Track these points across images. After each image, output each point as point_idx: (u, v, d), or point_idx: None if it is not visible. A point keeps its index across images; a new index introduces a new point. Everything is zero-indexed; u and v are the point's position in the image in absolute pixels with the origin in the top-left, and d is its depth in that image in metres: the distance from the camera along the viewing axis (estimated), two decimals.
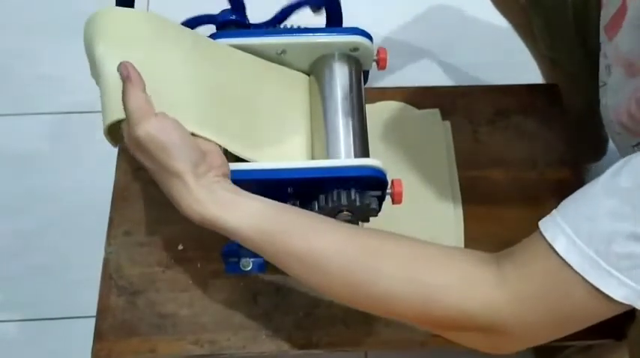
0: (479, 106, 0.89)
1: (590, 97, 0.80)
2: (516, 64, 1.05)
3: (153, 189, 0.79)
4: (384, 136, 0.85)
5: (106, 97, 0.57)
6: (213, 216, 0.54)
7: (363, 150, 0.65)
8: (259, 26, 0.74)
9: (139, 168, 0.81)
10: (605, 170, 0.50)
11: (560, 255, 0.48)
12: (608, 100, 0.67)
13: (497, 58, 1.24)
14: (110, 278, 0.75)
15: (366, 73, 0.72)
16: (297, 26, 0.72)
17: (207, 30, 0.71)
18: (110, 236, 0.77)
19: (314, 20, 0.73)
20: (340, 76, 0.68)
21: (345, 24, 0.72)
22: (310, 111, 0.69)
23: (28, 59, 1.27)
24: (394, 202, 0.64)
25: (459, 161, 0.84)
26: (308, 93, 0.70)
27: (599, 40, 0.70)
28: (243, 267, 0.71)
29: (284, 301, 0.74)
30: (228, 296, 0.74)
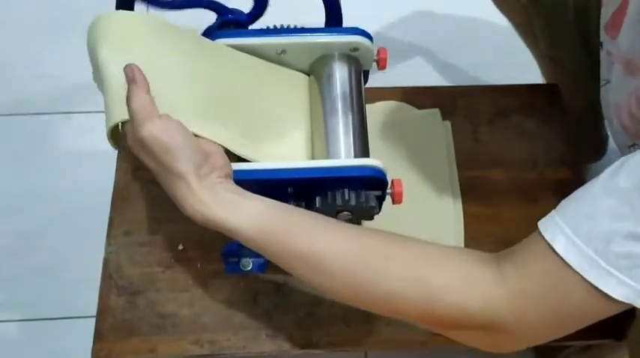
0: (479, 106, 0.89)
1: (591, 97, 0.80)
2: (516, 64, 1.05)
3: (153, 188, 0.80)
4: (384, 136, 0.85)
5: (110, 99, 0.57)
6: (215, 216, 0.54)
7: (363, 150, 0.65)
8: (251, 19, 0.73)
9: (139, 168, 0.81)
10: (605, 170, 0.50)
11: (560, 254, 0.48)
12: (610, 98, 0.67)
13: (497, 58, 1.24)
14: (110, 278, 0.75)
15: (366, 73, 0.72)
16: (297, 26, 0.72)
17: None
18: (110, 236, 0.77)
19: (314, 20, 0.73)
20: (340, 76, 0.68)
21: (345, 24, 0.72)
22: (310, 111, 0.69)
23: (28, 59, 1.27)
24: (394, 202, 0.64)
25: (459, 161, 0.84)
26: (308, 93, 0.70)
27: (599, 40, 0.70)
28: (243, 267, 0.71)
29: (284, 301, 0.74)
30: (228, 296, 0.74)
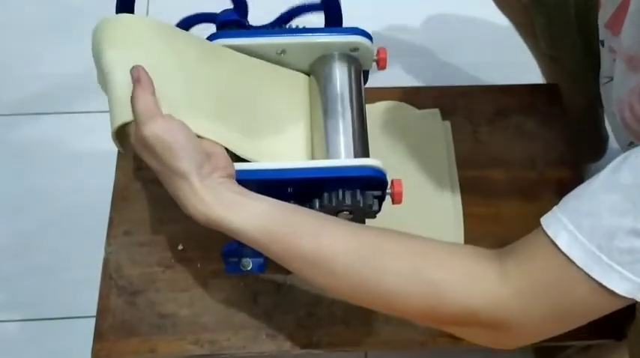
0: (479, 106, 0.89)
1: (591, 97, 0.80)
2: (516, 64, 1.05)
3: (153, 188, 0.80)
4: (384, 136, 0.85)
5: (114, 101, 0.58)
6: (218, 217, 0.54)
7: (363, 150, 0.65)
8: (260, 28, 0.74)
9: (139, 168, 0.81)
10: (607, 166, 0.50)
11: (563, 250, 0.48)
12: (613, 94, 0.67)
13: (498, 58, 1.24)
14: (110, 278, 0.75)
15: (366, 73, 0.72)
16: (297, 26, 0.72)
17: (207, 30, 0.71)
18: (110, 236, 0.77)
19: (314, 20, 0.73)
20: (340, 76, 0.68)
21: (345, 24, 0.72)
22: (310, 111, 0.69)
23: (28, 59, 1.27)
24: (394, 202, 0.64)
25: (459, 161, 0.84)
26: (308, 93, 0.70)
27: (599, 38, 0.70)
28: (243, 267, 0.71)
29: (284, 301, 0.74)
30: (228, 296, 0.74)
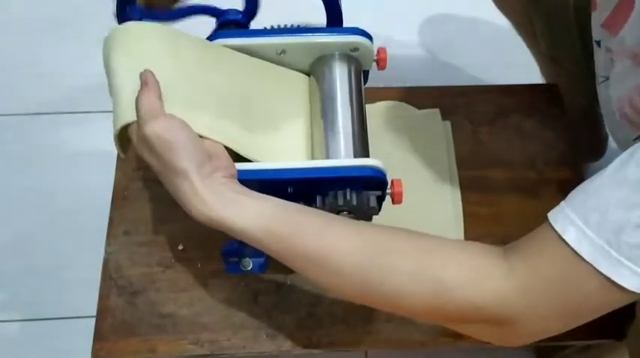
0: (479, 106, 0.89)
1: (591, 97, 0.80)
2: (516, 64, 1.05)
3: (153, 188, 0.80)
4: (384, 136, 0.85)
5: (118, 102, 0.58)
6: (220, 217, 0.54)
7: (363, 150, 0.65)
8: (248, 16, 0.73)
9: (139, 168, 0.81)
10: (614, 160, 0.50)
11: (571, 245, 0.48)
12: (611, 93, 0.67)
13: (497, 58, 1.24)
14: (110, 278, 0.75)
15: (366, 73, 0.72)
16: (297, 26, 0.72)
17: (207, 31, 0.71)
18: (110, 236, 0.77)
19: (314, 20, 0.73)
20: (340, 76, 0.68)
21: (345, 24, 0.72)
22: (310, 111, 0.69)
23: (28, 59, 1.27)
24: (394, 202, 0.64)
25: (459, 161, 0.84)
26: (308, 93, 0.70)
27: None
28: (243, 267, 0.71)
29: (284, 301, 0.74)
30: (228, 295, 0.74)
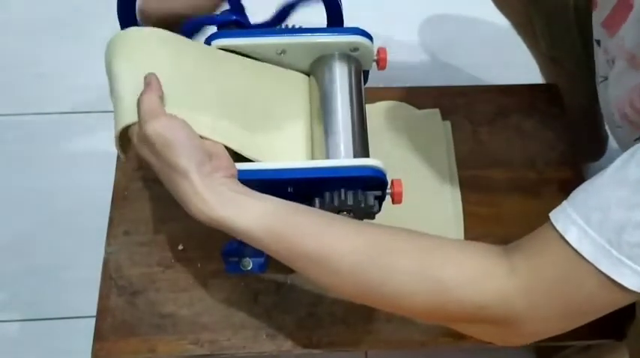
0: (479, 106, 0.89)
1: (591, 97, 0.80)
2: (516, 64, 1.05)
3: (153, 188, 0.80)
4: (384, 136, 0.85)
5: (119, 104, 0.59)
6: (220, 216, 0.54)
7: (363, 150, 0.65)
8: (260, 26, 0.74)
9: (139, 168, 0.81)
10: (615, 160, 0.50)
11: (572, 245, 0.48)
12: (610, 93, 0.67)
13: (497, 58, 1.24)
14: (110, 279, 0.75)
15: (366, 73, 0.72)
16: (297, 26, 0.72)
17: (207, 30, 0.71)
18: (110, 236, 0.77)
19: (314, 20, 0.73)
20: (340, 76, 0.68)
21: (346, 24, 0.72)
22: (310, 111, 0.69)
23: (28, 59, 1.27)
24: (394, 202, 0.64)
25: (459, 161, 0.84)
26: (308, 93, 0.70)
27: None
28: (243, 267, 0.71)
29: (284, 301, 0.74)
30: (228, 295, 0.74)
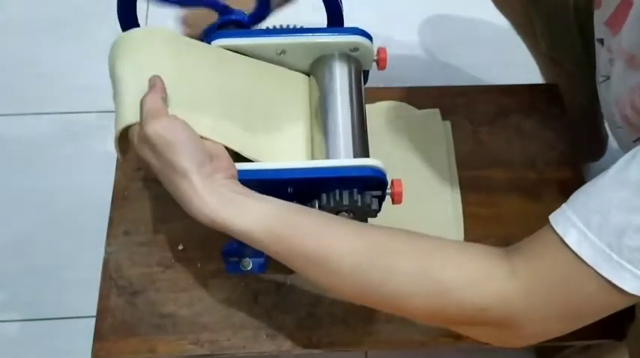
0: (479, 106, 0.89)
1: (591, 97, 0.80)
2: (516, 64, 1.05)
3: (153, 188, 0.80)
4: (384, 136, 0.85)
5: (121, 104, 0.59)
6: (220, 217, 0.54)
7: (363, 150, 0.65)
8: (251, 21, 0.73)
9: (139, 168, 0.81)
10: (616, 162, 0.49)
11: (572, 248, 0.48)
12: (610, 93, 0.67)
13: (497, 58, 1.24)
14: (110, 279, 0.75)
15: (366, 73, 0.72)
16: (297, 26, 0.72)
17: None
18: (110, 236, 0.77)
19: (314, 20, 0.73)
20: (340, 76, 0.68)
21: (346, 24, 0.72)
22: (310, 111, 0.69)
23: (28, 59, 1.27)
24: (394, 202, 0.64)
25: (459, 161, 0.84)
26: (308, 94, 0.70)
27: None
28: (243, 267, 0.71)
29: (284, 301, 0.74)
30: (228, 295, 0.74)
